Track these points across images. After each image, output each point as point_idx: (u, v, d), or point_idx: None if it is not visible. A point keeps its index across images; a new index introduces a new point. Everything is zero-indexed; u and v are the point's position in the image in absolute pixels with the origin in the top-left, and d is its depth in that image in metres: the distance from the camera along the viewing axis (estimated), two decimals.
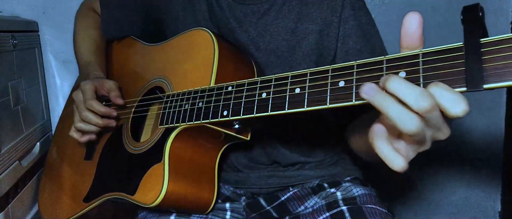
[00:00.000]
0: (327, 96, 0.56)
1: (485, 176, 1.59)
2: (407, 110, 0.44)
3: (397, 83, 0.45)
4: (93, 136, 0.94)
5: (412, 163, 0.50)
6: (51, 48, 1.42)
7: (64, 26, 1.38)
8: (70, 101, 1.11)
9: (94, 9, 1.15)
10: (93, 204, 0.91)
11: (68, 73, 1.44)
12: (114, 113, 0.92)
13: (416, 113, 0.44)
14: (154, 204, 0.76)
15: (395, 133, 0.49)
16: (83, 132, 0.93)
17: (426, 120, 0.45)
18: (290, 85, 0.61)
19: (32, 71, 1.31)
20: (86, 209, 0.93)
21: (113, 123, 0.93)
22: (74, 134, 0.94)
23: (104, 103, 0.94)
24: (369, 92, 0.46)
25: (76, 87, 1.16)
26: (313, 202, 0.92)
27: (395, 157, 0.47)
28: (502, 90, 1.51)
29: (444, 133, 0.48)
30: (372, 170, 1.56)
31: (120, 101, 0.93)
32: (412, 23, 0.49)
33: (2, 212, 1.01)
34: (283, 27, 0.89)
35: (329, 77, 0.56)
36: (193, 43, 0.86)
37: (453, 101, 0.43)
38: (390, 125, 0.48)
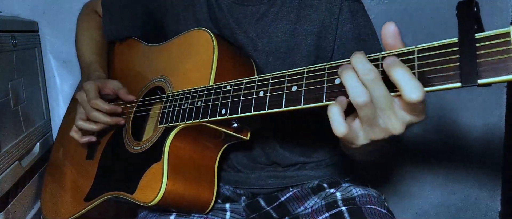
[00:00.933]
0: (323, 93, 0.56)
1: (485, 176, 1.59)
2: (359, 84, 0.50)
3: (357, 58, 0.51)
4: (93, 138, 0.95)
5: (413, 163, 0.51)
6: (51, 48, 1.43)
7: (64, 26, 1.38)
8: (75, 103, 1.12)
9: (96, 10, 1.16)
10: (94, 203, 0.91)
11: (68, 73, 1.44)
12: (120, 110, 0.93)
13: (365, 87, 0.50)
14: (153, 203, 0.76)
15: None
16: (84, 132, 0.94)
17: (371, 93, 0.50)
18: (287, 83, 0.61)
19: (32, 71, 1.32)
20: (87, 208, 0.93)
21: (121, 120, 0.94)
22: (74, 134, 0.95)
23: None
24: (342, 67, 0.53)
25: (79, 88, 1.16)
26: (313, 202, 0.92)
27: (340, 122, 0.52)
28: (501, 90, 1.50)
29: (393, 125, 0.52)
30: (372, 170, 1.57)
31: (130, 98, 0.94)
32: (388, 37, 0.52)
33: (2, 212, 1.01)
34: (282, 28, 0.89)
35: (326, 74, 0.57)
36: (193, 43, 0.87)
37: (411, 85, 0.46)
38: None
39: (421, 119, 0.52)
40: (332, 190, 0.92)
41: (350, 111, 0.54)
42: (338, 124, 0.52)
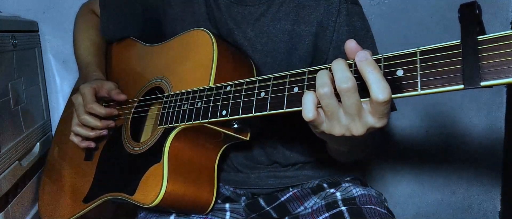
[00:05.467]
0: None
1: (485, 176, 1.59)
2: (327, 78, 0.54)
3: (338, 65, 0.53)
4: (92, 144, 0.95)
5: (413, 163, 0.51)
6: (51, 48, 1.42)
7: (64, 26, 1.38)
8: (71, 103, 1.12)
9: (94, 10, 1.16)
10: (93, 205, 0.91)
11: (68, 73, 1.44)
12: (116, 112, 0.93)
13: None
14: (153, 204, 0.76)
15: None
16: (81, 136, 0.94)
17: (343, 100, 0.53)
18: (288, 84, 0.61)
19: (32, 71, 1.32)
20: (86, 209, 0.93)
21: (112, 124, 0.94)
22: (74, 138, 0.95)
23: (103, 104, 0.95)
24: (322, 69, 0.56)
25: (75, 89, 1.16)
26: (313, 202, 0.92)
27: (310, 108, 0.56)
28: (502, 90, 1.51)
29: (356, 128, 0.55)
30: (372, 170, 1.57)
31: (122, 97, 0.94)
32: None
33: (2, 212, 1.01)
34: (280, 29, 0.89)
35: None
36: (193, 43, 0.87)
37: (380, 86, 0.49)
38: None
39: (383, 124, 0.54)
40: (332, 190, 0.92)
41: None
42: (308, 109, 0.56)
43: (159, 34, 1.00)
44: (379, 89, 0.49)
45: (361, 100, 0.53)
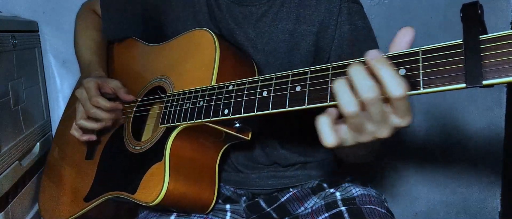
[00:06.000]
0: (327, 93, 0.56)
1: (485, 176, 1.59)
2: (350, 93, 0.50)
3: (357, 71, 0.49)
4: (93, 137, 0.94)
5: (413, 163, 0.51)
6: (51, 48, 1.42)
7: (64, 26, 1.38)
8: (72, 102, 1.11)
9: (95, 10, 1.16)
10: (94, 204, 0.91)
11: (68, 73, 1.44)
12: (120, 107, 0.93)
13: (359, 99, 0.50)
14: (154, 203, 0.76)
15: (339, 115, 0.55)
16: (84, 130, 0.93)
17: (365, 107, 0.50)
18: (290, 83, 0.61)
19: (32, 71, 1.31)
20: (87, 208, 0.93)
21: (121, 117, 0.93)
22: (75, 132, 0.94)
23: None
24: (336, 80, 0.52)
25: (77, 86, 1.16)
26: (313, 202, 0.93)
27: (329, 133, 0.53)
28: (502, 89, 1.51)
29: (382, 132, 0.52)
30: (372, 170, 1.57)
31: (130, 98, 0.94)
32: (400, 43, 0.52)
33: (2, 212, 1.01)
34: (281, 28, 0.89)
35: (330, 75, 0.57)
36: (195, 43, 0.87)
37: (393, 79, 0.47)
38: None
39: (408, 122, 0.52)
40: (332, 190, 0.92)
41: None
42: (327, 135, 0.53)
43: (160, 34, 1.00)
44: (395, 85, 0.47)
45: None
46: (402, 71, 0.49)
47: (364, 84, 0.49)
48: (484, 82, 0.44)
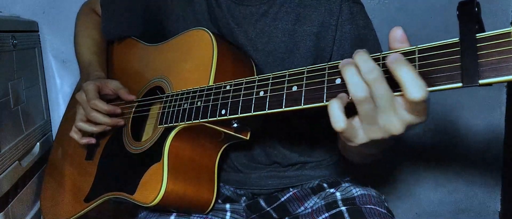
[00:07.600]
0: (323, 93, 0.56)
1: (485, 176, 1.59)
2: (360, 80, 0.51)
3: (361, 56, 0.51)
4: (92, 140, 0.95)
5: (413, 162, 0.51)
6: (51, 48, 1.43)
7: (64, 26, 1.38)
8: (73, 103, 1.12)
9: (95, 10, 1.16)
10: (94, 204, 0.91)
11: (68, 73, 1.44)
12: (119, 110, 0.93)
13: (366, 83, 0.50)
14: (153, 204, 0.76)
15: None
16: (84, 132, 0.94)
17: (372, 92, 0.50)
18: (287, 83, 0.61)
19: (32, 71, 1.32)
20: (87, 209, 0.93)
21: (121, 121, 0.94)
22: (74, 134, 0.95)
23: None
24: (344, 62, 0.53)
25: (78, 88, 1.16)
26: (313, 202, 0.92)
27: (339, 117, 0.52)
28: (502, 89, 1.51)
29: (394, 125, 0.51)
30: (372, 170, 1.57)
31: (131, 97, 0.94)
32: (394, 41, 0.52)
33: (2, 212, 1.01)
34: (282, 28, 0.89)
35: (326, 74, 0.57)
36: (193, 43, 0.87)
37: (415, 84, 0.46)
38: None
39: (422, 120, 0.51)
40: (332, 190, 0.92)
41: (351, 112, 0.54)
42: (338, 118, 0.52)
43: (160, 34, 1.00)
44: (415, 87, 0.46)
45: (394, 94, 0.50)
46: None
47: (367, 66, 0.50)
48: (481, 81, 0.43)
